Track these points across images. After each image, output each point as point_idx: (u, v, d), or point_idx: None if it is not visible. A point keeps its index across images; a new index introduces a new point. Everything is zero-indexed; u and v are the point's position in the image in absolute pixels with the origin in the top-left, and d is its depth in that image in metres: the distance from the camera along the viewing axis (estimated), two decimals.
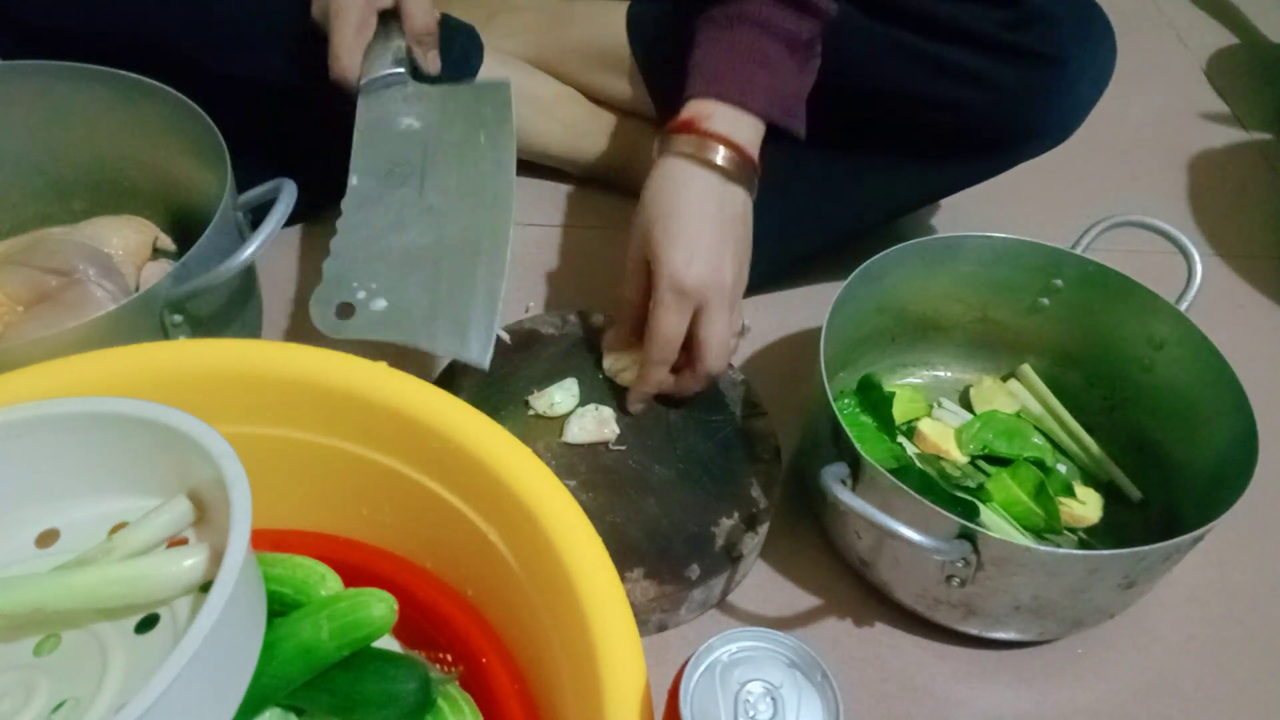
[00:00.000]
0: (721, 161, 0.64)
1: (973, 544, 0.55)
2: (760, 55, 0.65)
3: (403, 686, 0.46)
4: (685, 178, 0.64)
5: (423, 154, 0.72)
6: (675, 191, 0.64)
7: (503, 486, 0.47)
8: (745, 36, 0.65)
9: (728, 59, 0.65)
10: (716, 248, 0.64)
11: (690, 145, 0.64)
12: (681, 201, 0.64)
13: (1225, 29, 1.35)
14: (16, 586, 0.41)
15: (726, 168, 0.64)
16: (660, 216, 0.64)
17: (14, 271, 0.67)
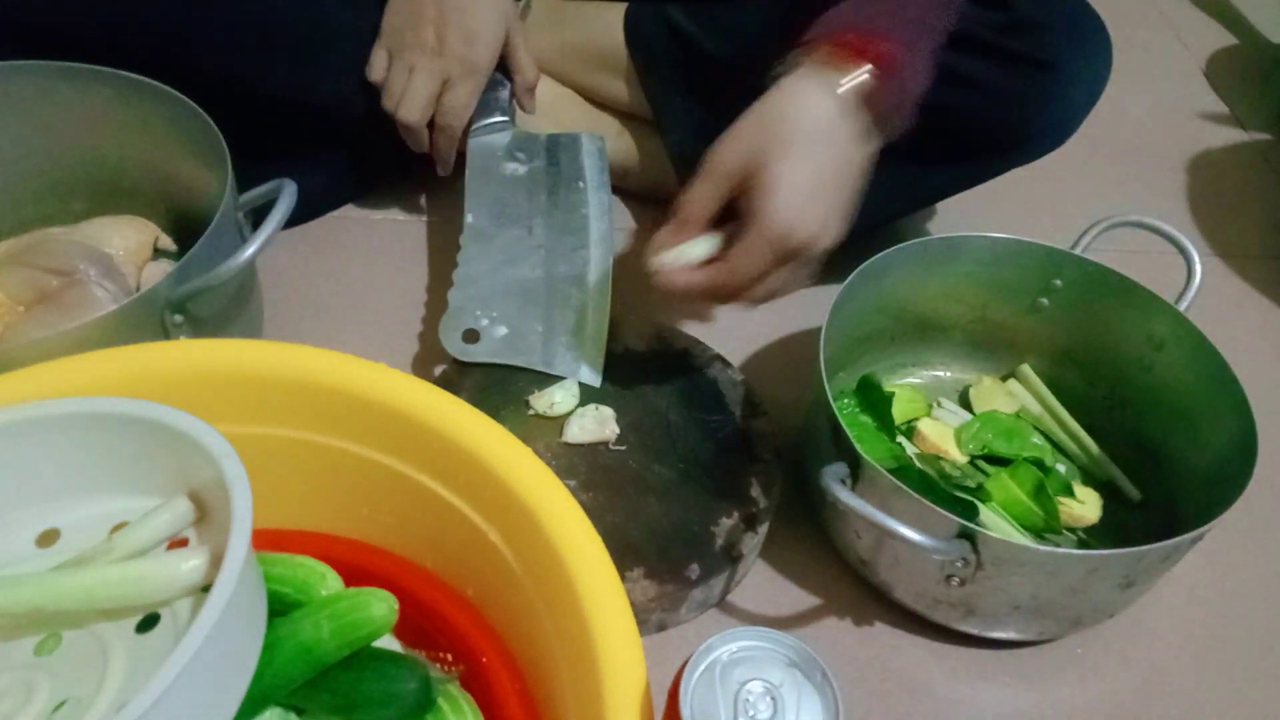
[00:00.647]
0: (853, 82, 0.56)
1: (972, 543, 0.55)
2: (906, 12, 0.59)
3: (403, 686, 0.46)
4: (825, 107, 0.56)
5: (529, 197, 0.80)
6: (808, 120, 0.56)
7: (503, 486, 0.47)
8: None
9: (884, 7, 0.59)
10: (834, 203, 0.56)
11: (819, 64, 0.56)
12: (811, 131, 0.56)
13: (1225, 29, 1.35)
14: (17, 585, 0.41)
15: (863, 91, 0.56)
16: (782, 145, 0.55)
17: (15, 272, 0.67)
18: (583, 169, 0.82)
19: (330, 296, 0.83)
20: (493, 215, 0.78)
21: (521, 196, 0.80)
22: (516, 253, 0.77)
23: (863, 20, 0.58)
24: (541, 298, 0.75)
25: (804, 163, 0.55)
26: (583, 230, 0.78)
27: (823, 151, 0.56)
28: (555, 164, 0.82)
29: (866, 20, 0.58)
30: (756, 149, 0.56)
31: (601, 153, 0.83)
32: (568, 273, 0.76)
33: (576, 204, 0.79)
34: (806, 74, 0.57)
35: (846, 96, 0.56)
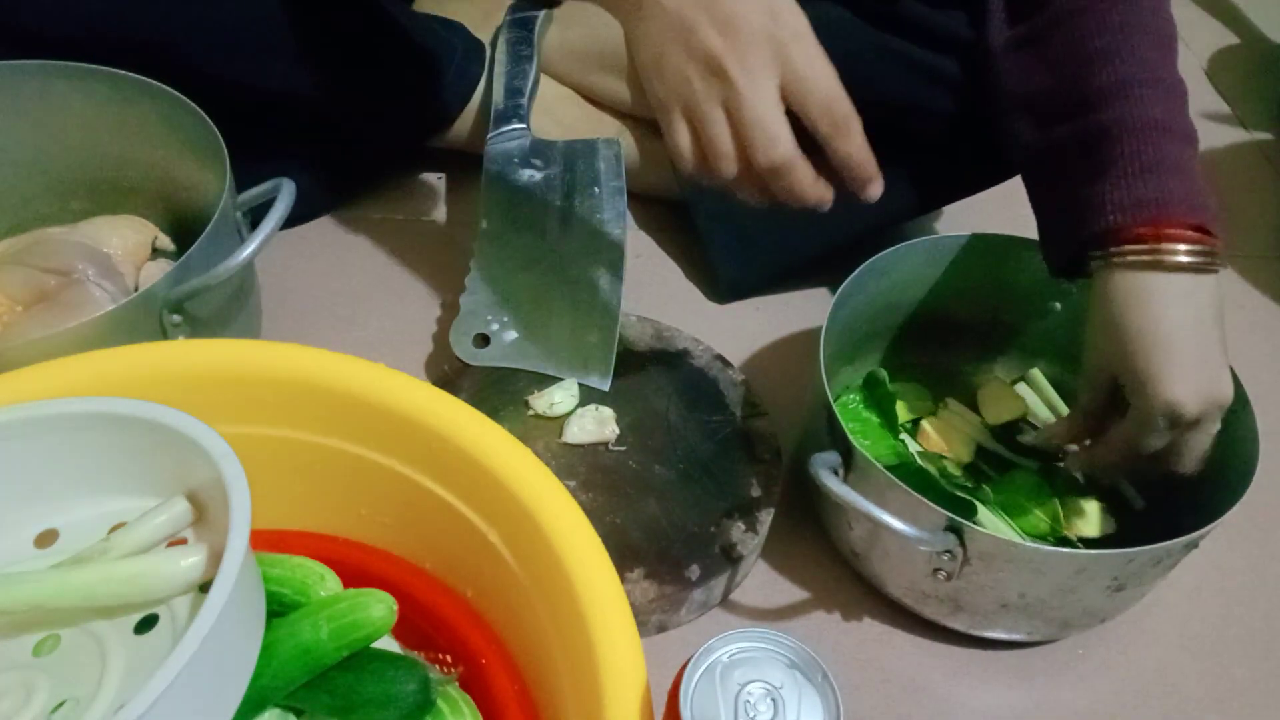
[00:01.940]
0: (1185, 259, 0.55)
1: (959, 537, 0.55)
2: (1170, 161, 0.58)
3: (402, 687, 0.46)
4: (1150, 289, 0.56)
5: (544, 202, 0.80)
6: (1143, 308, 0.56)
7: (503, 487, 0.47)
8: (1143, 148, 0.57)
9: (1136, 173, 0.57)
10: (1211, 359, 0.56)
11: (1144, 253, 0.56)
12: (1154, 317, 0.55)
13: (1226, 29, 1.35)
14: (15, 583, 0.41)
15: (1191, 263, 0.55)
16: (1133, 338, 0.56)
17: (13, 271, 0.67)
18: (599, 174, 0.82)
19: (330, 296, 0.83)
20: (507, 220, 0.79)
21: (537, 202, 0.80)
22: (530, 258, 0.77)
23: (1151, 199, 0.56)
24: (553, 302, 0.75)
25: (1165, 341, 0.55)
26: (596, 236, 0.79)
27: (1178, 322, 0.56)
28: (571, 169, 0.83)
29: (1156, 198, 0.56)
30: (1117, 354, 0.57)
31: (618, 158, 0.84)
32: (580, 278, 0.77)
33: (591, 209, 0.80)
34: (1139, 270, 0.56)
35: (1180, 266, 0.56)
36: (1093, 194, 0.58)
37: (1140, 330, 0.56)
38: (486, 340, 0.73)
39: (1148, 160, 0.57)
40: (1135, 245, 0.56)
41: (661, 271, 0.89)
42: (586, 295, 0.76)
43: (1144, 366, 0.55)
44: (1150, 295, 0.56)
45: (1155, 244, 0.56)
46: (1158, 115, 0.58)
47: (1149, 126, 0.58)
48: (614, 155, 0.84)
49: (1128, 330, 0.56)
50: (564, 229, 0.79)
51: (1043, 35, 0.62)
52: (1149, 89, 0.59)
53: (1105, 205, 0.57)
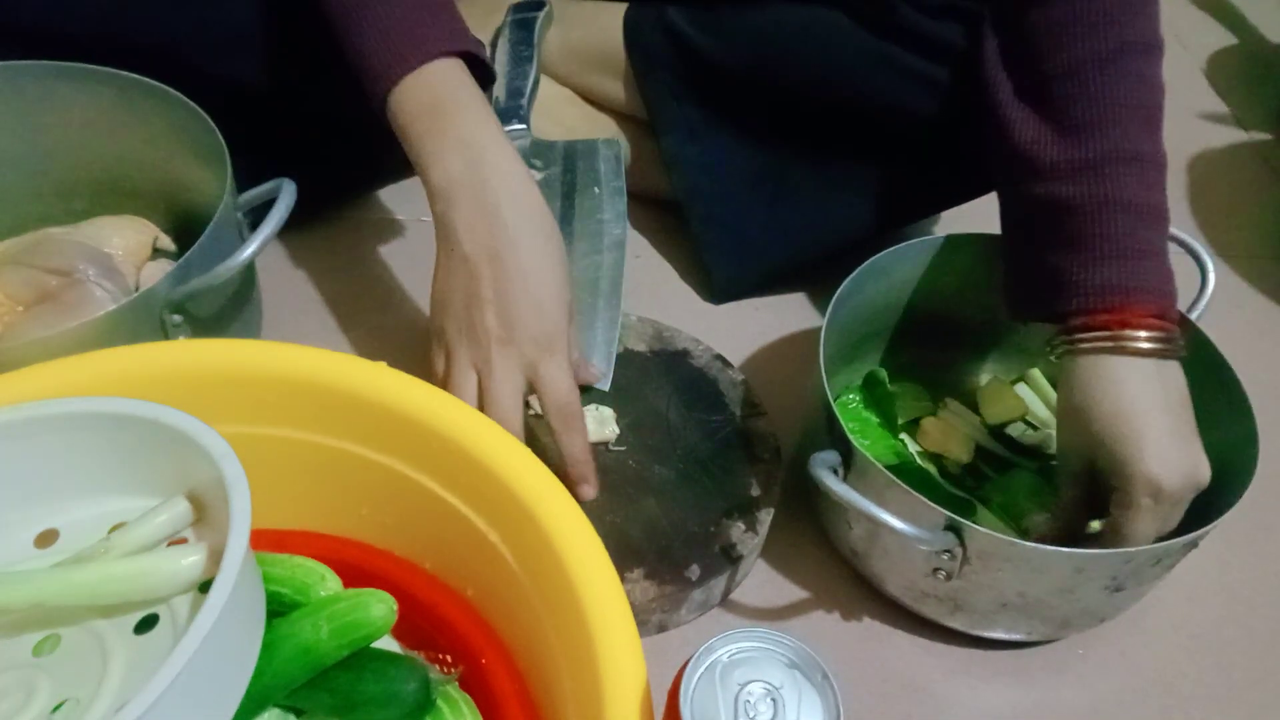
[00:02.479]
0: (1146, 345, 0.57)
1: (958, 536, 0.55)
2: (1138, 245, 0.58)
3: (402, 687, 0.46)
4: (1117, 372, 0.57)
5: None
6: (1112, 389, 0.56)
7: (503, 486, 0.47)
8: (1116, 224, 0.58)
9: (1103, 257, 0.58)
10: (1186, 438, 0.57)
11: (1106, 339, 0.57)
12: (1124, 398, 0.56)
13: (1225, 29, 1.35)
14: (15, 582, 0.41)
15: (1153, 349, 0.57)
16: (1105, 420, 0.56)
17: (14, 271, 0.67)
18: (599, 175, 0.82)
19: (330, 296, 0.83)
20: None
21: None
22: None
23: (1122, 285, 0.57)
24: None
25: (1139, 421, 0.56)
26: (597, 235, 0.79)
27: (1148, 403, 0.56)
28: (571, 170, 0.83)
29: (1128, 284, 0.57)
30: (1095, 438, 0.57)
31: (618, 158, 0.84)
32: (581, 277, 0.77)
33: (592, 209, 0.80)
34: (1099, 352, 0.57)
35: (1142, 352, 0.57)
36: (1060, 270, 0.59)
37: (1113, 412, 0.56)
38: None
39: (1117, 243, 0.58)
40: (1099, 332, 0.57)
41: (661, 271, 0.89)
42: (586, 295, 0.76)
43: (1119, 448, 0.56)
44: (1117, 378, 0.57)
45: (1119, 330, 0.57)
46: (1130, 196, 0.58)
47: (1121, 208, 0.58)
48: (614, 155, 0.84)
49: (1099, 413, 0.57)
50: (564, 229, 0.79)
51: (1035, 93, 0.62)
52: (1125, 166, 0.59)
53: (1072, 287, 0.58)
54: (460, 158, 0.60)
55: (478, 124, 0.61)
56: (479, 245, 0.59)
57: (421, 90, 0.61)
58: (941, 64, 0.72)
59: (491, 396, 0.59)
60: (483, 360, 0.60)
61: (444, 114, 0.61)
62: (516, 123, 0.83)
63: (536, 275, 0.60)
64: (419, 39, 0.62)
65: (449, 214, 0.60)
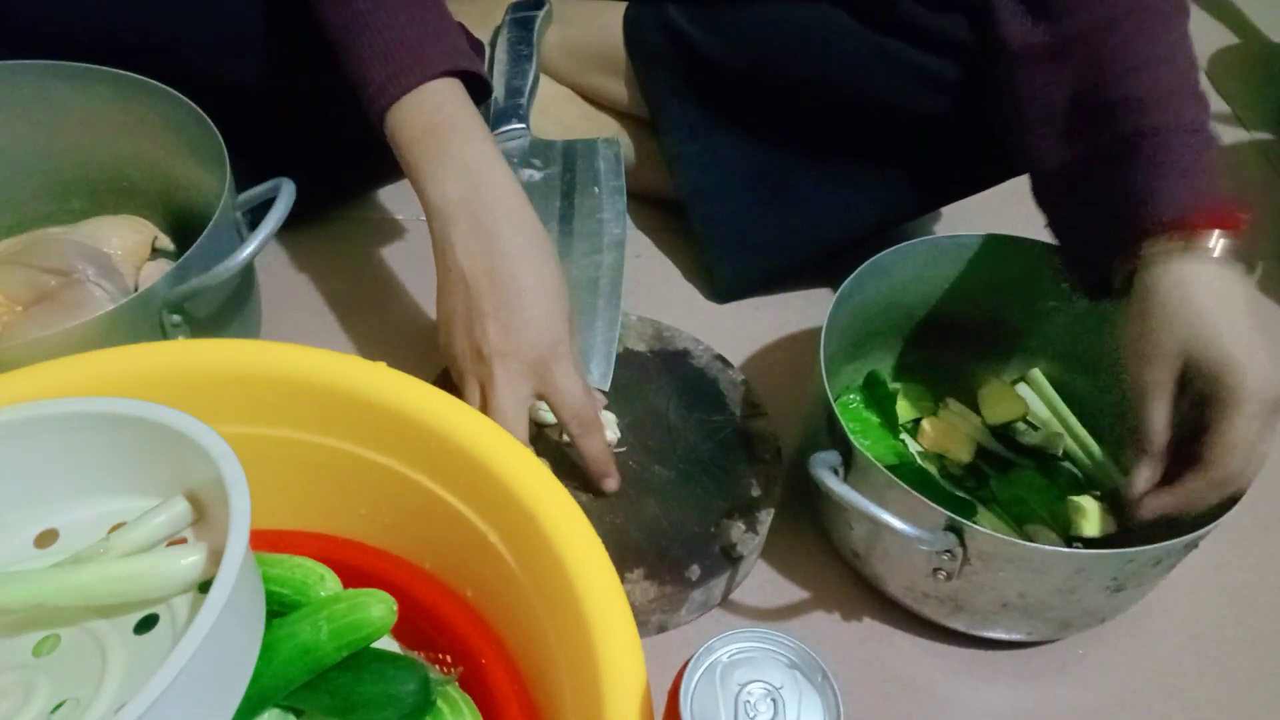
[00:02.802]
0: (1221, 249, 0.56)
1: (959, 537, 0.55)
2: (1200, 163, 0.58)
3: (402, 687, 0.46)
4: (1200, 275, 0.56)
5: (544, 202, 0.80)
6: (1200, 290, 0.55)
7: (503, 487, 0.47)
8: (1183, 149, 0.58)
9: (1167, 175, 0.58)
10: (1270, 350, 0.54)
11: (1181, 246, 0.56)
12: (1214, 298, 0.55)
13: (1225, 29, 1.35)
14: (15, 582, 0.41)
15: (1227, 253, 0.56)
16: (1199, 318, 0.54)
17: (13, 271, 0.67)
18: (599, 174, 0.82)
19: (329, 296, 0.83)
20: None
21: (537, 202, 0.80)
22: None
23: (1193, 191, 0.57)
24: None
25: (1240, 325, 0.54)
26: (597, 235, 0.79)
27: (1239, 315, 0.55)
28: (571, 169, 0.83)
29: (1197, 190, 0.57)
30: (1189, 346, 0.55)
31: (618, 157, 0.84)
32: (580, 277, 0.77)
33: (592, 209, 0.80)
34: (1182, 257, 0.56)
35: (1222, 258, 0.56)
36: (1149, 190, 0.58)
37: (1202, 309, 0.54)
38: None
39: (1202, 160, 0.58)
40: (1174, 238, 0.56)
41: (661, 271, 0.89)
42: (586, 295, 0.76)
43: (1215, 346, 0.53)
44: (1202, 278, 0.55)
45: (1193, 234, 0.56)
46: (1204, 121, 0.59)
47: (1200, 131, 0.58)
48: (614, 155, 0.84)
49: (1188, 312, 0.55)
50: (564, 229, 0.79)
51: (1070, 48, 0.62)
52: (1192, 99, 0.59)
53: (1139, 208, 0.57)
54: (459, 179, 0.61)
55: (476, 146, 0.62)
56: (477, 262, 0.60)
57: (420, 110, 0.62)
58: (943, 58, 0.72)
59: (494, 407, 0.60)
60: (485, 374, 0.60)
61: (442, 135, 0.61)
62: (516, 122, 0.83)
63: (535, 288, 0.60)
64: (419, 58, 0.62)
65: (447, 233, 0.61)
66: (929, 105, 0.74)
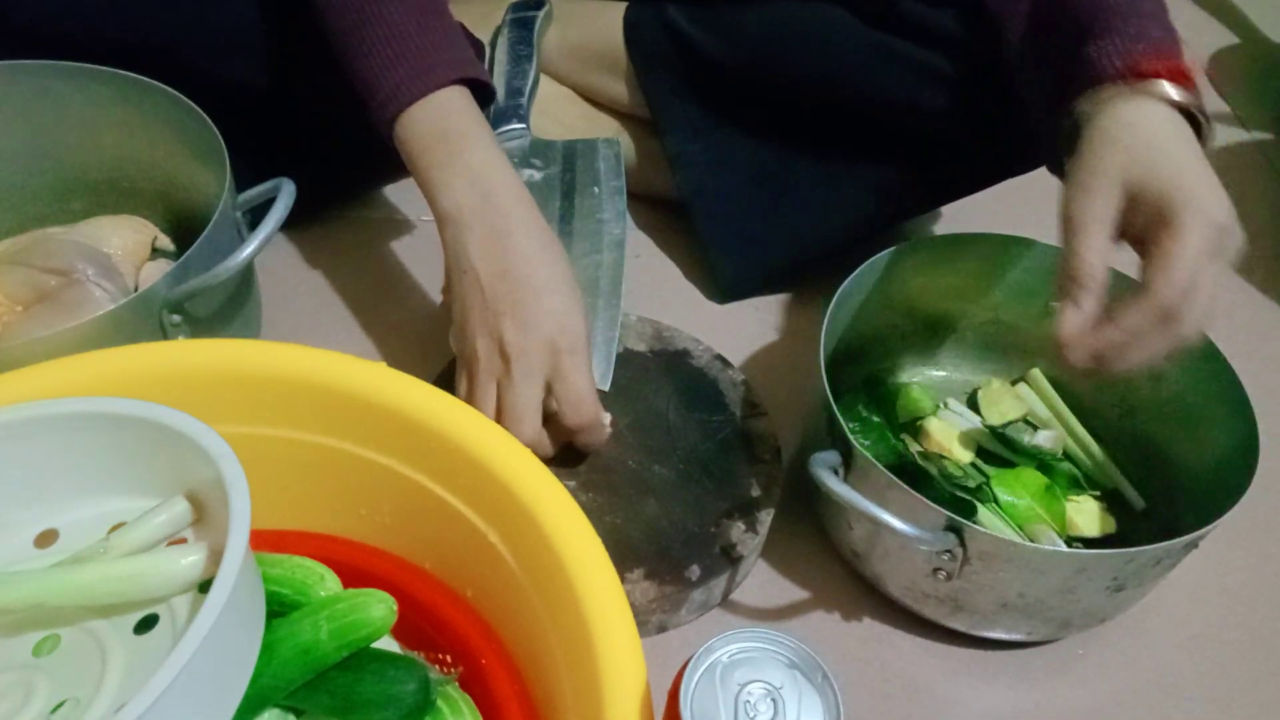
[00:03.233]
0: (1177, 96, 0.55)
1: (959, 537, 0.55)
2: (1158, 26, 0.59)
3: (402, 687, 0.46)
4: (1156, 110, 0.55)
5: (544, 202, 0.80)
6: (1154, 121, 0.54)
7: (502, 487, 0.47)
8: None
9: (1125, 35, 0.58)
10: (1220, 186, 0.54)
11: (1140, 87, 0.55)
12: (1170, 135, 0.54)
13: (1225, 29, 1.35)
14: (15, 581, 0.41)
15: (1181, 102, 0.55)
16: (1161, 153, 0.53)
17: (13, 271, 0.67)
18: (599, 174, 0.82)
19: (329, 296, 0.83)
20: None
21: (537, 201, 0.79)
22: None
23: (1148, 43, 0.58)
24: None
25: (1189, 157, 0.53)
26: (597, 235, 0.79)
27: (1190, 145, 0.54)
28: (571, 169, 0.83)
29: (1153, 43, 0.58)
30: (1134, 173, 0.53)
31: (618, 157, 0.84)
32: (580, 276, 0.76)
33: (592, 209, 0.80)
34: (1128, 98, 0.56)
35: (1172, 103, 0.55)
36: (1103, 48, 0.58)
37: (1155, 137, 0.54)
38: None
39: (1140, 24, 0.58)
40: (1152, 80, 0.55)
41: (661, 271, 0.89)
42: (586, 295, 0.75)
43: (1180, 174, 0.52)
44: (1169, 120, 0.55)
45: (1151, 79, 0.55)
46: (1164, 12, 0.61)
47: (1159, 15, 0.60)
48: (614, 155, 0.84)
49: (1152, 144, 0.54)
50: (564, 229, 0.79)
51: None
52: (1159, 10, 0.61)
53: (1119, 49, 0.57)
54: (470, 186, 0.62)
55: (485, 152, 0.62)
56: (492, 265, 0.61)
57: (429, 118, 0.62)
58: (943, 54, 0.72)
59: (509, 404, 0.60)
60: (502, 371, 0.61)
61: (452, 142, 0.62)
62: (516, 122, 0.83)
63: (549, 286, 0.61)
64: (427, 66, 0.62)
65: (460, 238, 0.61)
66: (930, 102, 0.74)
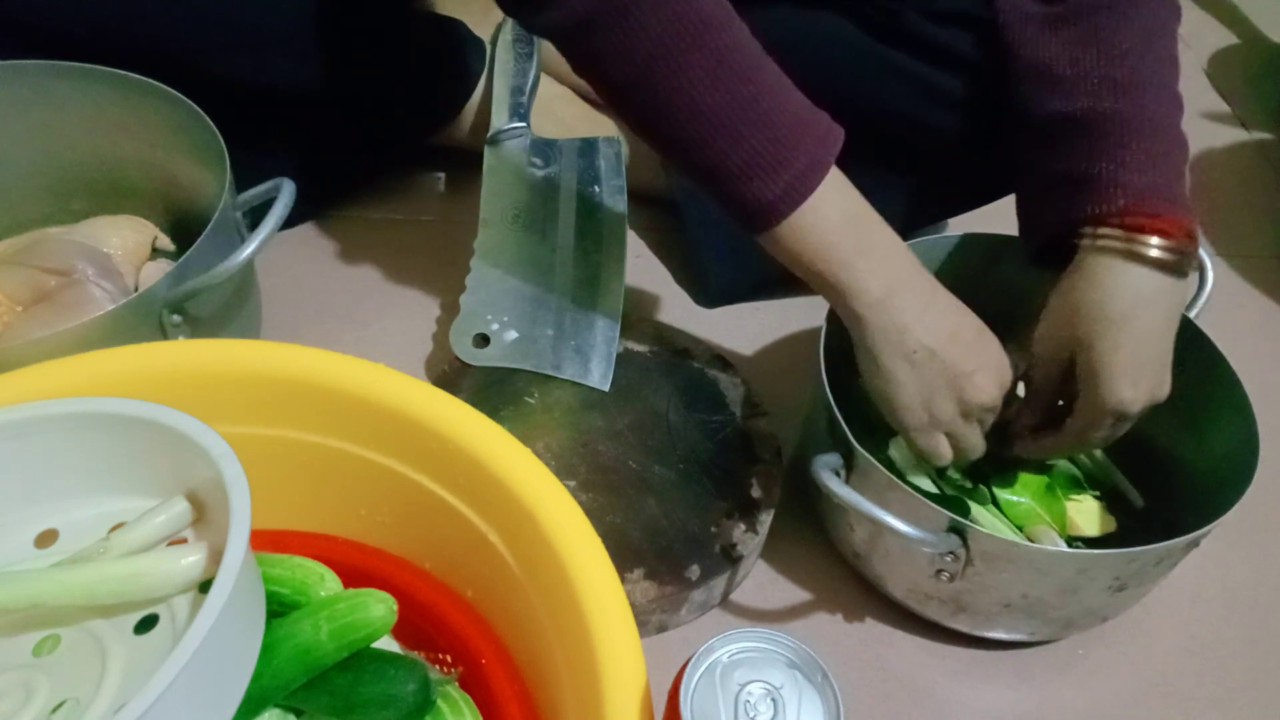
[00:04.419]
0: (1157, 253, 0.56)
1: (962, 538, 0.55)
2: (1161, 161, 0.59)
3: (402, 687, 0.46)
4: (1118, 279, 0.56)
5: (545, 201, 0.80)
6: (1127, 298, 0.56)
7: (502, 486, 0.47)
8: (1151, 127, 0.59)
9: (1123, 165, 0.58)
10: (1161, 361, 0.58)
11: (1118, 241, 0.56)
12: (1118, 308, 0.56)
13: (1226, 29, 1.35)
14: (15, 581, 0.41)
15: (1177, 262, 0.56)
16: (1101, 327, 0.57)
17: (13, 271, 0.67)
18: (599, 173, 0.82)
19: (329, 296, 0.83)
20: (508, 220, 0.79)
21: (537, 201, 0.80)
22: (530, 257, 0.77)
23: (1146, 189, 0.58)
24: (553, 301, 0.76)
25: (1129, 339, 0.57)
26: (597, 234, 0.79)
27: (1146, 324, 0.57)
28: (572, 169, 0.83)
29: (1150, 189, 0.58)
30: (1082, 338, 0.58)
31: (618, 157, 0.84)
32: (580, 276, 0.77)
33: (592, 209, 0.80)
34: (1114, 260, 0.57)
35: (1158, 261, 0.56)
36: (1099, 173, 0.58)
37: (1102, 317, 0.57)
38: (486, 340, 0.73)
39: (1159, 156, 0.58)
40: (1113, 231, 0.57)
41: (661, 271, 0.89)
42: (586, 295, 0.76)
43: (1097, 360, 0.57)
44: (1135, 288, 0.57)
45: (1132, 233, 0.57)
46: (1173, 121, 0.60)
47: (1165, 127, 0.59)
48: (615, 154, 0.84)
49: (1088, 314, 0.57)
50: (564, 228, 0.79)
51: (1068, 19, 0.62)
52: (1166, 95, 0.61)
53: (1113, 185, 0.58)
54: (889, 261, 0.57)
55: (883, 224, 0.58)
56: (941, 332, 0.57)
57: (838, 199, 0.56)
58: (947, 73, 0.72)
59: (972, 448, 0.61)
60: (970, 425, 0.60)
61: (864, 222, 0.57)
62: (516, 121, 0.83)
63: (987, 330, 0.61)
64: (820, 137, 0.56)
65: (896, 319, 0.56)
66: (932, 119, 0.74)
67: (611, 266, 0.77)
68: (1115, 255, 0.57)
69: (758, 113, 0.54)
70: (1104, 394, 0.57)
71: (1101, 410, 0.58)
